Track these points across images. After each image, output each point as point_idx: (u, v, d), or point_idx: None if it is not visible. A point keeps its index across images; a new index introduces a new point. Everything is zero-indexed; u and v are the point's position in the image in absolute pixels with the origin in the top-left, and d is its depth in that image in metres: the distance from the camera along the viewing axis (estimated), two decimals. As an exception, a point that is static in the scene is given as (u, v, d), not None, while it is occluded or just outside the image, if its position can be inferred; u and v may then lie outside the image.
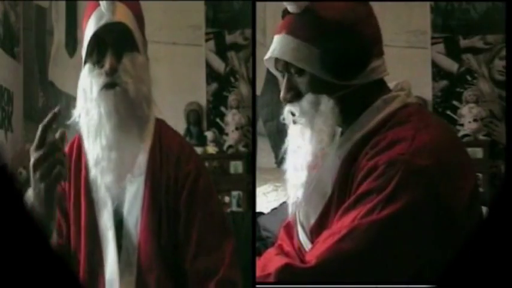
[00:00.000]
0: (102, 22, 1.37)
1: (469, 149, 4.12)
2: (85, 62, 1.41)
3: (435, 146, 1.20)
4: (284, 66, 1.33)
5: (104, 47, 1.38)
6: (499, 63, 4.43)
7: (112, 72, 1.37)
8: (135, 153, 1.42)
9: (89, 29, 1.39)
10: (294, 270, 1.20)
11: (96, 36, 1.38)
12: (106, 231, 1.42)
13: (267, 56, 1.35)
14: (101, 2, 1.38)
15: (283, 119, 1.37)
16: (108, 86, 1.37)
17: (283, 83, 1.35)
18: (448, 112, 4.47)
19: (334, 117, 1.29)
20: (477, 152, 4.24)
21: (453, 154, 1.22)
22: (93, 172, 1.40)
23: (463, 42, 4.53)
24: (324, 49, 1.26)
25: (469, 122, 4.33)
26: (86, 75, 1.40)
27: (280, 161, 1.40)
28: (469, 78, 4.50)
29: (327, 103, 1.29)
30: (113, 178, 1.38)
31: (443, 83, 4.56)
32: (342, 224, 1.19)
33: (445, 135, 1.26)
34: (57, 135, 1.21)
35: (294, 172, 1.35)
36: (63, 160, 1.20)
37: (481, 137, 4.33)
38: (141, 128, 1.42)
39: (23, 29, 4.08)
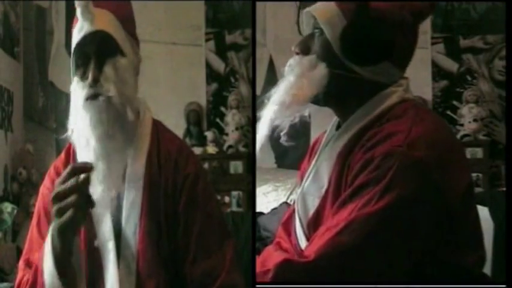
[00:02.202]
0: (82, 34, 1.37)
1: (469, 149, 4.13)
2: (74, 76, 1.41)
3: (431, 138, 1.21)
4: (308, 20, 1.36)
5: (87, 58, 1.38)
6: (499, 63, 4.43)
7: (94, 83, 1.36)
8: (123, 159, 1.41)
9: (73, 41, 1.40)
10: (293, 265, 1.20)
11: (77, 49, 1.39)
12: (106, 242, 1.41)
13: (309, 9, 1.35)
14: (77, 13, 1.37)
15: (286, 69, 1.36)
16: (91, 97, 1.37)
17: (303, 37, 1.36)
18: (448, 112, 4.47)
19: (320, 84, 1.30)
20: (477, 152, 4.24)
21: (449, 147, 1.23)
22: None
23: (463, 42, 4.53)
24: (351, 24, 1.28)
25: (469, 122, 4.33)
26: (74, 89, 1.40)
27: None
28: (469, 78, 4.50)
29: (322, 69, 1.30)
30: (103, 188, 1.35)
31: (443, 83, 4.56)
32: (339, 218, 1.19)
33: (440, 128, 1.27)
34: (81, 178, 1.22)
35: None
36: (79, 203, 1.21)
37: (481, 137, 4.33)
38: (126, 134, 1.41)
39: (23, 29, 4.08)
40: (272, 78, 4.69)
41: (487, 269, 1.32)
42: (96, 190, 1.35)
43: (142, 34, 1.50)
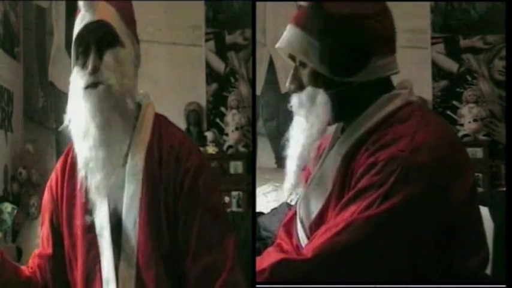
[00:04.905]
0: (83, 23, 1.40)
1: (469, 149, 4.12)
2: (74, 66, 1.44)
3: (435, 143, 1.21)
4: (290, 56, 1.37)
5: (87, 47, 1.41)
6: (499, 63, 4.43)
7: (95, 71, 1.39)
8: (122, 149, 1.42)
9: (74, 32, 1.42)
10: (289, 264, 1.21)
11: (78, 38, 1.41)
12: (102, 230, 1.42)
13: (276, 46, 1.38)
14: (80, 4, 1.41)
15: (291, 108, 1.39)
16: (91, 86, 1.39)
17: (290, 73, 1.37)
18: (448, 112, 4.47)
19: (326, 112, 1.32)
20: (477, 152, 4.24)
21: (452, 152, 1.23)
22: (83, 173, 1.41)
23: (463, 42, 4.53)
24: (324, 43, 1.28)
25: (469, 122, 4.33)
26: (73, 79, 1.43)
27: (281, 148, 1.44)
28: (469, 78, 4.50)
29: (321, 97, 1.31)
30: (102, 176, 1.39)
31: (443, 83, 4.56)
32: (340, 219, 1.20)
33: (444, 133, 1.27)
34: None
35: (292, 162, 1.38)
36: None
37: (481, 137, 4.33)
38: (126, 123, 1.43)
39: (23, 29, 4.08)
40: (272, 78, 4.69)
41: (487, 269, 1.32)
42: (96, 178, 1.38)
43: (142, 34, 1.51)
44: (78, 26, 1.41)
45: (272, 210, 3.58)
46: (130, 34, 1.47)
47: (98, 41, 1.40)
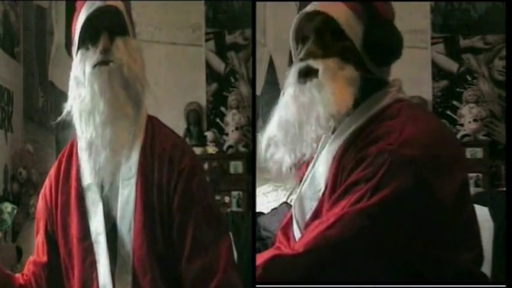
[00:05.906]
0: (94, 7, 1.39)
1: (469, 149, 4.13)
2: (77, 52, 1.42)
3: (424, 137, 1.21)
4: (323, 23, 1.32)
5: (96, 30, 1.39)
6: (499, 63, 4.42)
7: (106, 51, 1.38)
8: (129, 127, 1.41)
9: (80, 20, 1.41)
10: (282, 259, 1.21)
11: (88, 21, 1.39)
12: (97, 236, 1.41)
13: (309, 9, 1.33)
14: None
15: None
16: (102, 63, 1.38)
17: (310, 40, 1.32)
18: (448, 112, 4.47)
19: (355, 85, 1.29)
20: (477, 152, 4.24)
21: (442, 146, 1.24)
22: (86, 156, 1.39)
23: (463, 42, 4.53)
24: (370, 28, 1.30)
25: (469, 122, 4.33)
26: (78, 61, 1.41)
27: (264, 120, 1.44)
28: (469, 78, 4.50)
29: (352, 71, 1.29)
30: (107, 154, 1.36)
31: (443, 83, 4.56)
32: (331, 213, 1.20)
33: (434, 127, 1.27)
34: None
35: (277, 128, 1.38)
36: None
37: (481, 137, 4.33)
38: (135, 108, 1.41)
39: (23, 29, 4.07)
40: (272, 78, 4.69)
41: (487, 269, 1.32)
42: (100, 157, 1.36)
43: (142, 34, 1.52)
44: (86, 11, 1.39)
45: (272, 210, 3.59)
46: (132, 31, 1.47)
47: (109, 26, 1.39)
